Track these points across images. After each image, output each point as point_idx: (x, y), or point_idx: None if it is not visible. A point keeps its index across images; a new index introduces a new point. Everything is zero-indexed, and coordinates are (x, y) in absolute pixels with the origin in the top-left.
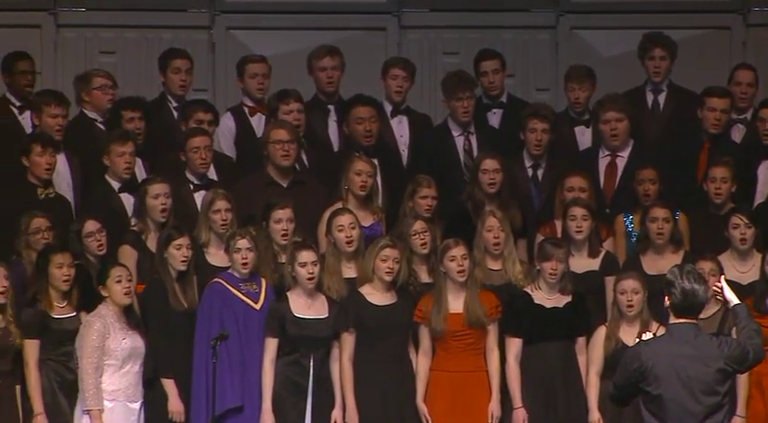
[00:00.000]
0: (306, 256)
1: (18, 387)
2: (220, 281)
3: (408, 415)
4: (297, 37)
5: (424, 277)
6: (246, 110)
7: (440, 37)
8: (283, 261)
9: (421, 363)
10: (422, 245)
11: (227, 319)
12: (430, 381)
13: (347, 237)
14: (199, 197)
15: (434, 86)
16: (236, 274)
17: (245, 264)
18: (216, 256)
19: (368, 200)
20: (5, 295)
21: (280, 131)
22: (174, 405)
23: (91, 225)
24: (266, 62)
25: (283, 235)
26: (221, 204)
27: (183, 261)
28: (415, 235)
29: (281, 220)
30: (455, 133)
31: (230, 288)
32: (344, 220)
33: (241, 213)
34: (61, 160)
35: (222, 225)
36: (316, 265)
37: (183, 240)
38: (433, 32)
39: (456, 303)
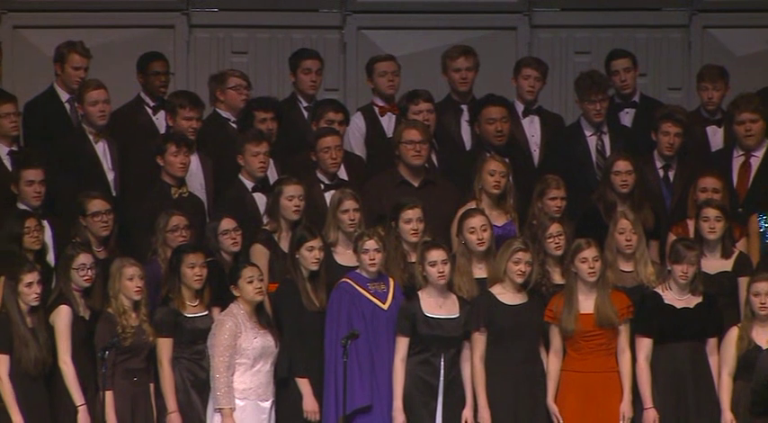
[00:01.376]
0: (436, 255)
1: (152, 385)
2: (348, 281)
3: (539, 415)
4: (427, 37)
5: (557, 279)
6: (377, 109)
7: (571, 36)
8: (413, 261)
9: (552, 363)
10: (556, 247)
11: (354, 318)
12: (561, 381)
13: (478, 239)
14: (329, 197)
15: (565, 86)
16: (364, 274)
17: (372, 264)
18: (344, 256)
19: (501, 199)
20: (140, 294)
21: (412, 131)
22: (309, 404)
23: (227, 223)
24: (394, 60)
25: (413, 234)
26: (349, 204)
27: (315, 262)
28: (550, 238)
29: (411, 220)
30: (587, 133)
31: (358, 288)
32: (476, 221)
33: (372, 213)
34: (194, 160)
35: (350, 225)
36: (446, 263)
37: (316, 242)
38: (565, 32)
39: (587, 304)
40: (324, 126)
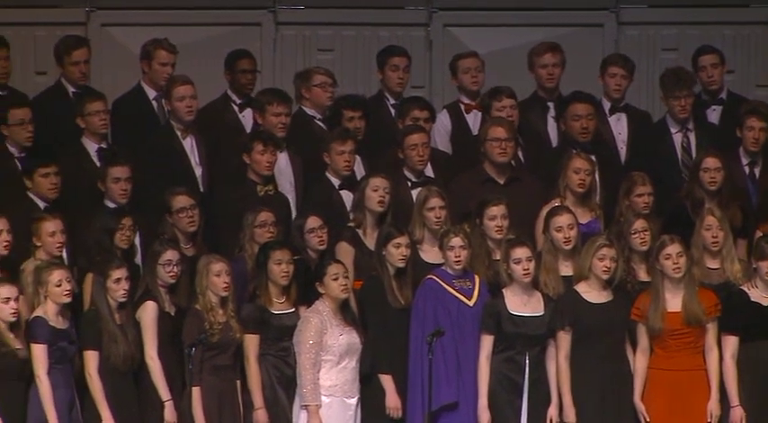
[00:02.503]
0: (520, 252)
1: (238, 382)
2: (434, 278)
3: (625, 413)
4: (513, 34)
5: (643, 276)
6: (462, 107)
7: (658, 33)
8: (497, 258)
9: (639, 361)
10: (641, 243)
11: (440, 315)
12: (648, 379)
13: (565, 237)
14: (416, 194)
15: (652, 83)
16: (450, 271)
17: (458, 261)
18: (430, 253)
19: (586, 197)
20: (228, 290)
21: (498, 129)
22: (392, 401)
23: (313, 221)
24: (477, 57)
25: (497, 231)
26: (435, 202)
27: (402, 259)
28: (635, 234)
29: (496, 217)
30: (673, 130)
31: (444, 285)
32: (563, 220)
33: (458, 210)
34: (283, 158)
35: (436, 222)
36: (531, 261)
37: (402, 239)
38: (652, 29)
39: (674, 302)
40: (410, 123)
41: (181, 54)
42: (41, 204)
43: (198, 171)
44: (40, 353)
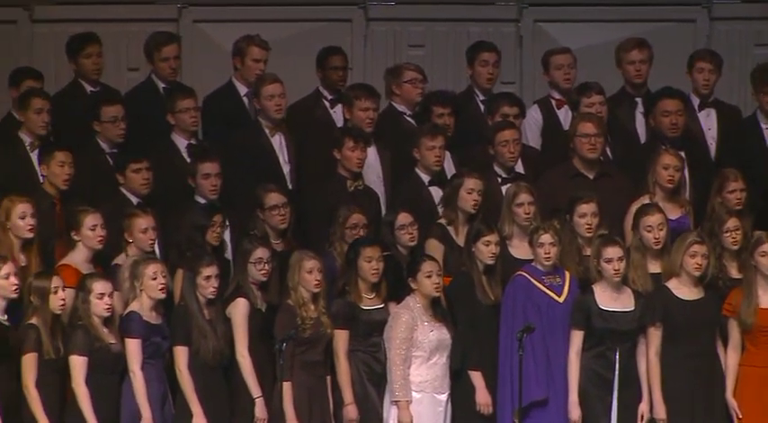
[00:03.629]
0: (612, 252)
1: (329, 377)
2: (524, 274)
3: (716, 410)
4: (605, 29)
5: (734, 273)
6: (554, 102)
7: (751, 28)
8: (588, 254)
9: (730, 357)
10: (733, 242)
11: (530, 311)
12: (739, 376)
13: (655, 237)
14: (506, 190)
15: (744, 79)
16: (540, 267)
17: (547, 258)
18: (519, 249)
19: (675, 193)
20: (320, 286)
21: (587, 125)
22: (482, 397)
23: (403, 217)
24: (571, 53)
25: (587, 228)
26: (524, 197)
27: (491, 256)
28: (727, 232)
29: (586, 215)
30: (764, 126)
31: (533, 281)
32: (653, 219)
33: (547, 206)
34: (371, 152)
35: (525, 218)
36: (622, 260)
37: (492, 236)
38: (744, 24)
39: (766, 298)
40: (500, 120)
41: (272, 50)
42: (134, 200)
43: (286, 168)
44: (133, 347)
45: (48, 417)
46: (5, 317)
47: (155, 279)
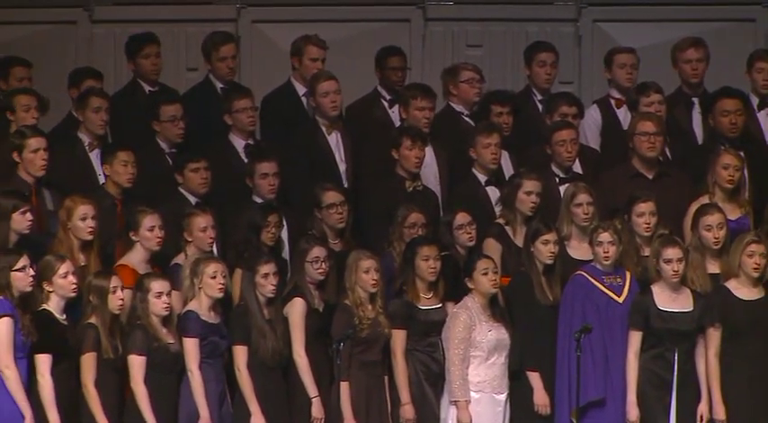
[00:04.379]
0: (671, 252)
1: (386, 377)
2: (583, 274)
3: None
4: (663, 29)
5: None
6: (613, 102)
7: None
8: (646, 254)
9: None
10: None
11: (588, 311)
12: None
13: (714, 237)
14: (564, 190)
15: None
16: (600, 267)
17: (606, 257)
18: (578, 249)
19: (735, 193)
20: (377, 286)
21: (647, 123)
22: (540, 397)
23: (462, 217)
24: (635, 53)
25: (646, 228)
26: (583, 197)
27: (550, 256)
28: None
29: (644, 214)
30: None
31: (593, 281)
32: (713, 219)
33: (607, 205)
34: (428, 153)
35: (584, 218)
36: (681, 261)
37: (551, 236)
38: None
39: None
40: (557, 119)
41: (330, 50)
42: (192, 200)
43: (342, 167)
44: (191, 347)
45: (107, 416)
46: (64, 316)
47: (214, 278)
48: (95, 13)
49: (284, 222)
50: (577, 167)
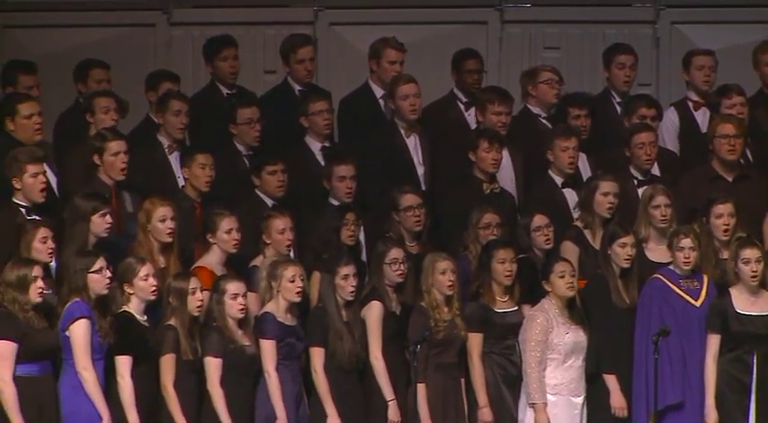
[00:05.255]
0: (750, 253)
1: (462, 380)
2: (660, 277)
3: None
4: (742, 31)
5: None
6: (691, 104)
7: None
8: (725, 257)
9: None
10: None
11: (666, 314)
12: None
13: None
14: (642, 192)
15: None
16: (678, 271)
17: (686, 262)
18: (655, 252)
19: None
20: (453, 288)
21: (727, 126)
22: (617, 401)
23: (539, 219)
24: (713, 56)
25: (725, 231)
26: (661, 200)
27: (627, 259)
28: None
29: (722, 215)
30: None
31: (670, 284)
32: None
33: (685, 207)
34: (504, 155)
35: (662, 220)
36: (760, 262)
37: (628, 239)
38: None
39: None
40: (636, 121)
41: (407, 52)
42: (269, 202)
43: (420, 170)
44: (269, 348)
45: (185, 417)
46: (145, 318)
47: (293, 282)
48: (174, 15)
49: (361, 223)
50: (656, 170)
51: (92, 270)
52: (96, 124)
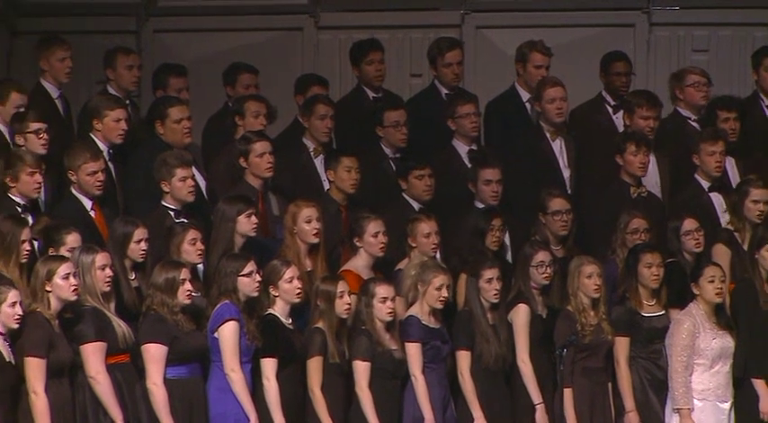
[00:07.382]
0: None
1: (609, 384)
2: None
3: None
4: None
5: None
6: None
7: None
8: None
9: None
10: None
11: None
12: None
13: None
14: None
15: None
16: None
17: None
18: None
19: None
20: (599, 292)
21: None
22: (766, 405)
23: (689, 223)
24: None
25: None
26: None
27: None
28: None
29: None
30: None
31: None
32: None
33: None
34: (650, 159)
35: None
36: None
37: None
38: None
39: None
40: None
41: (554, 55)
42: (415, 206)
43: (566, 173)
44: (414, 351)
45: (332, 420)
46: (290, 320)
47: (439, 290)
48: (321, 19)
49: (506, 227)
50: None
51: (242, 273)
52: (245, 127)
